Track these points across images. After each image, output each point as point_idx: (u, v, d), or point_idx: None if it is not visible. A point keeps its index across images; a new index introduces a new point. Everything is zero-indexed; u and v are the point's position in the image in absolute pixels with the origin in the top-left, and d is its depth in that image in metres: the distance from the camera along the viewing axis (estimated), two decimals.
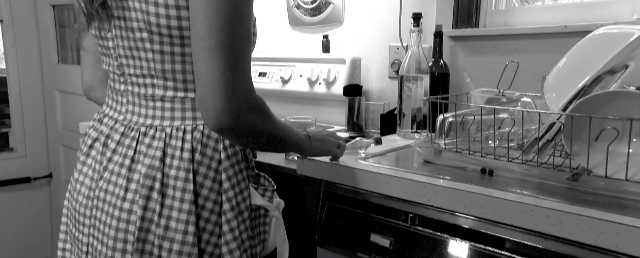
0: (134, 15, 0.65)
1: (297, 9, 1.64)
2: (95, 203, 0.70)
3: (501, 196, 0.65)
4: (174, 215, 0.66)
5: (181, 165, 0.67)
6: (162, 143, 0.68)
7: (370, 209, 0.82)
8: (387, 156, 0.95)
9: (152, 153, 0.67)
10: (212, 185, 0.68)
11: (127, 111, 0.72)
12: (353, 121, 1.37)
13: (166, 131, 0.68)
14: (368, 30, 1.49)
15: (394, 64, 1.39)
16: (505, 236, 0.66)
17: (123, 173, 0.68)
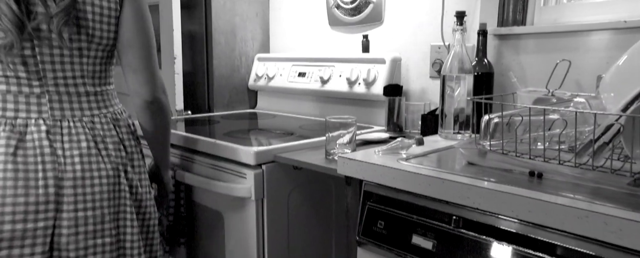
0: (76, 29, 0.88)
1: (336, 9, 1.64)
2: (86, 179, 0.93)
3: (552, 200, 0.62)
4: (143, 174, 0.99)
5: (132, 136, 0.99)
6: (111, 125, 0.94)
7: (412, 210, 0.81)
8: (429, 157, 0.94)
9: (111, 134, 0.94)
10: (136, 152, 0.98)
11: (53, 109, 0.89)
12: (393, 121, 1.35)
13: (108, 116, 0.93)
14: (408, 30, 1.47)
15: (435, 63, 1.36)
16: (556, 242, 0.63)
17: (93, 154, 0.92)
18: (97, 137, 0.88)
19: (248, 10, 1.80)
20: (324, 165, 1.00)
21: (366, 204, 0.89)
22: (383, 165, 0.84)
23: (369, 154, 0.93)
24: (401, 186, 0.82)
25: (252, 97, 1.88)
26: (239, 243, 1.13)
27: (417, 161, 0.89)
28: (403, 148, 0.96)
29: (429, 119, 1.25)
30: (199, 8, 1.70)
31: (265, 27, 1.88)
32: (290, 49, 1.83)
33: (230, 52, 1.78)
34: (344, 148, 1.04)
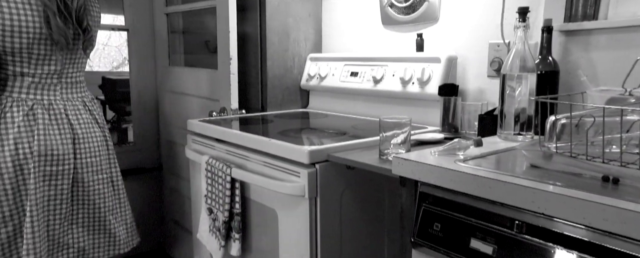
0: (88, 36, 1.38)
1: (390, 8, 1.62)
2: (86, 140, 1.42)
3: (633, 208, 0.58)
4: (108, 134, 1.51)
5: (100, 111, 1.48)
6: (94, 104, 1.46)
7: (471, 213, 0.79)
8: (488, 159, 0.90)
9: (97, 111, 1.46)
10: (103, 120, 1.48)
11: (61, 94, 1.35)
12: (448, 121, 1.32)
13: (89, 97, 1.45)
14: (466, 28, 1.42)
15: (494, 62, 1.31)
16: (635, 253, 0.59)
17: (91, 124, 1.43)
18: (90, 110, 1.37)
19: (301, 11, 1.82)
20: (378, 165, 1.00)
21: (422, 205, 0.88)
22: (440, 165, 0.82)
23: (425, 154, 0.91)
24: (459, 188, 0.79)
25: (304, 97, 1.90)
26: (292, 240, 1.15)
27: (475, 162, 0.86)
28: (460, 149, 0.93)
29: (486, 119, 1.20)
30: (254, 10, 1.75)
31: (318, 27, 1.89)
32: (342, 49, 1.84)
33: (283, 52, 1.81)
34: (398, 148, 1.03)
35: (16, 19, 1.19)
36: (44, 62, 1.27)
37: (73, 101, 1.33)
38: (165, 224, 2.36)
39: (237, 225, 1.26)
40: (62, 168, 1.28)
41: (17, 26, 1.19)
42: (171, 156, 2.22)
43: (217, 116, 1.63)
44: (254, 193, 1.25)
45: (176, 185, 2.18)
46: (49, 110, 1.28)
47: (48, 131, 1.26)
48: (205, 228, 1.39)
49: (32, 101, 1.26)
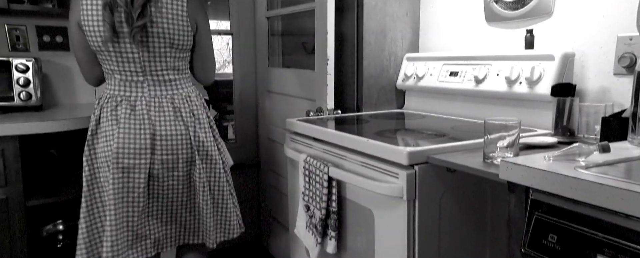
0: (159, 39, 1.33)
1: (495, 3, 1.53)
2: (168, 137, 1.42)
3: None
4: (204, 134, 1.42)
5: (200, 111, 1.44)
6: (186, 102, 1.41)
7: (596, 227, 0.70)
8: (617, 167, 0.80)
9: (186, 108, 1.41)
10: (205, 117, 1.44)
11: (150, 91, 1.36)
12: (562, 124, 1.20)
13: (182, 95, 1.40)
14: (587, 21, 1.28)
15: (624, 57, 1.16)
16: None
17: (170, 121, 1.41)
18: (176, 108, 1.36)
19: (399, 10, 1.80)
20: (483, 169, 0.94)
21: (534, 214, 0.81)
22: (557, 172, 0.75)
23: (536, 159, 0.84)
24: (581, 197, 0.71)
25: (399, 97, 1.87)
26: (389, 242, 1.14)
27: (600, 170, 0.77)
28: (581, 155, 0.84)
29: (613, 123, 1.07)
30: (351, 10, 1.76)
31: (415, 26, 1.85)
32: (440, 48, 1.77)
33: (380, 52, 1.80)
34: (505, 152, 0.96)
35: (90, 18, 1.26)
36: (126, 60, 1.30)
37: (159, 99, 1.34)
38: (262, 218, 2.49)
39: (334, 223, 1.28)
40: (139, 161, 1.30)
41: (92, 25, 1.26)
42: (269, 153, 2.33)
43: (313, 116, 1.68)
44: (350, 193, 1.26)
45: (274, 182, 2.29)
46: (135, 106, 1.31)
47: (127, 126, 1.30)
48: (302, 224, 1.44)
49: (121, 97, 1.32)
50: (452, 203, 1.12)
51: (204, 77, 1.48)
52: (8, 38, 1.99)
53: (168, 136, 1.33)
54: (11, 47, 2.00)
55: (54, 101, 2.09)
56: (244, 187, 2.45)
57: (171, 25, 1.30)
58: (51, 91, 2.08)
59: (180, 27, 1.32)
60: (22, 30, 2.00)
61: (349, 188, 1.26)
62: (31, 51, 2.03)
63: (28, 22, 2.01)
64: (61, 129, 1.62)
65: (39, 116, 1.71)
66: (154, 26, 1.28)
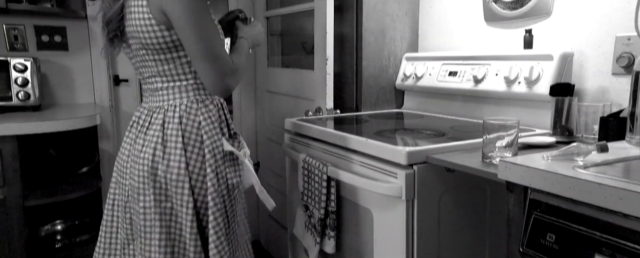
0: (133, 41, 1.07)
1: (494, 3, 1.53)
2: (127, 156, 1.12)
3: None
4: (172, 158, 1.05)
5: (173, 127, 1.07)
6: (162, 115, 1.08)
7: (594, 226, 0.71)
8: (615, 167, 0.81)
9: (156, 122, 1.08)
10: (196, 138, 1.07)
11: (148, 101, 1.14)
12: (561, 124, 1.20)
13: (165, 108, 1.09)
14: (586, 21, 1.29)
15: (623, 57, 1.16)
16: None
17: (141, 136, 1.09)
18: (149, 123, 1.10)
19: (398, 10, 1.80)
20: (482, 169, 0.94)
21: (532, 213, 0.81)
22: (555, 171, 0.75)
23: (535, 159, 0.84)
24: (580, 197, 0.72)
25: (399, 97, 1.88)
26: (388, 241, 1.14)
27: (598, 170, 0.77)
28: (580, 154, 0.84)
29: (611, 122, 1.07)
30: (351, 11, 1.76)
31: (415, 26, 1.85)
32: (439, 48, 1.77)
33: (379, 52, 1.80)
34: (504, 152, 0.96)
35: None
36: (134, 67, 1.17)
37: (148, 110, 1.12)
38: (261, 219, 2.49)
39: (332, 222, 1.28)
40: (121, 180, 1.14)
41: None
42: (268, 153, 2.33)
43: (312, 116, 1.68)
44: (349, 192, 1.26)
45: (273, 182, 2.28)
46: (137, 119, 1.14)
47: (125, 141, 1.16)
48: (301, 224, 1.44)
49: (141, 108, 1.16)
50: (451, 202, 1.12)
51: (208, 83, 1.04)
52: (6, 38, 1.99)
53: (133, 158, 1.09)
54: (9, 47, 2.00)
55: (53, 100, 2.09)
56: None
57: (136, 22, 1.02)
58: (50, 91, 2.08)
59: (143, 22, 1.01)
60: (20, 29, 2.00)
61: (347, 188, 1.26)
62: (29, 50, 2.03)
63: (26, 22, 2.00)
64: (60, 129, 1.62)
65: (38, 116, 1.71)
66: (128, 26, 1.05)
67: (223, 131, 1.12)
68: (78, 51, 2.09)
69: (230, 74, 1.04)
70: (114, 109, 2.15)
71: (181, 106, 1.08)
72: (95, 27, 2.07)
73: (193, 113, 1.08)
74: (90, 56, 2.09)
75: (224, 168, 1.10)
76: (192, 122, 1.07)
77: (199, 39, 1.00)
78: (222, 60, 1.03)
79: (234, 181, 1.12)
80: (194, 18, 0.98)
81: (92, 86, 2.11)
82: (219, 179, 1.09)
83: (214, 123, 1.10)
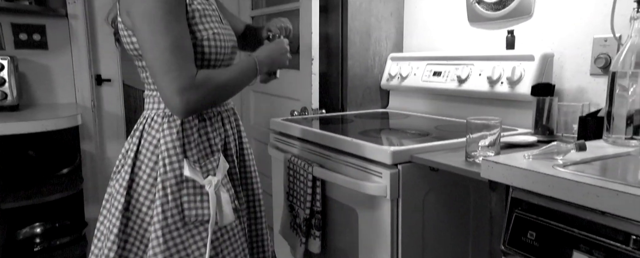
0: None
1: (477, 4, 1.55)
2: None
3: None
4: (122, 174, 0.95)
5: (133, 141, 0.96)
6: (136, 125, 0.98)
7: (573, 223, 0.72)
8: (593, 165, 0.82)
9: (131, 133, 0.99)
10: (151, 157, 0.93)
11: None
12: (542, 123, 1.22)
13: (141, 117, 0.98)
14: (565, 22, 1.31)
15: (600, 58, 1.19)
16: None
17: None
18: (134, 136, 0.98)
19: (383, 10, 1.81)
20: (465, 168, 0.95)
21: (514, 212, 0.82)
22: (536, 170, 0.77)
23: (517, 158, 0.86)
24: (559, 195, 0.73)
25: (384, 97, 1.88)
26: (373, 241, 1.14)
27: (577, 168, 0.79)
28: (559, 153, 0.86)
29: (589, 122, 1.09)
30: (336, 11, 1.77)
31: (400, 26, 1.86)
32: (424, 48, 1.79)
33: (365, 52, 1.81)
34: (487, 151, 0.97)
35: None
36: None
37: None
38: None
39: (318, 222, 1.28)
40: None
41: None
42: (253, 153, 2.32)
43: (298, 116, 1.67)
44: (334, 192, 1.26)
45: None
46: None
47: None
48: (286, 224, 1.43)
49: None
50: (435, 201, 1.13)
51: (162, 98, 0.89)
52: None
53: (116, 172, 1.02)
54: None
55: (32, 100, 2.04)
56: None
57: (118, 24, 0.96)
58: (29, 91, 2.03)
59: (120, 26, 0.94)
60: None
61: (333, 188, 1.26)
62: (7, 49, 1.98)
63: (3, 20, 1.95)
64: (39, 129, 1.58)
65: (16, 116, 1.67)
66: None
67: (192, 153, 0.94)
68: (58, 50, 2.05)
69: (188, 90, 0.84)
70: (97, 110, 2.12)
71: (148, 118, 0.96)
72: (77, 25, 2.03)
73: (155, 128, 0.94)
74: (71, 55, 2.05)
75: (179, 196, 0.92)
76: (151, 138, 0.94)
77: (152, 46, 0.85)
78: (178, 72, 0.84)
79: (193, 213, 0.93)
80: (150, 23, 0.84)
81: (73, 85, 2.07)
82: (172, 209, 0.92)
83: (175, 142, 0.92)
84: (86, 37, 2.03)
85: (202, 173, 0.94)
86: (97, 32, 2.09)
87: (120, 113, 2.16)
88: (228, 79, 0.93)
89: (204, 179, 0.94)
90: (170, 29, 0.85)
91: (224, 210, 0.95)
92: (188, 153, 0.94)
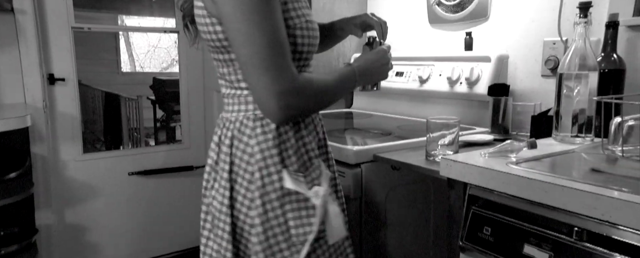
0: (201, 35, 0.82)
1: (438, 6, 1.59)
2: None
3: None
4: (220, 191, 0.82)
5: (224, 150, 0.82)
6: (220, 130, 0.84)
7: (524, 218, 0.76)
8: (543, 162, 0.86)
9: (214, 139, 0.85)
10: (246, 167, 0.80)
11: None
12: (498, 122, 1.27)
13: (223, 121, 0.84)
14: (518, 26, 1.37)
15: (549, 60, 1.25)
16: None
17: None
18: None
19: (346, 11, 1.82)
20: (425, 166, 0.98)
21: (471, 208, 0.85)
22: (491, 168, 0.80)
23: (474, 156, 0.89)
24: (512, 191, 0.76)
25: (347, 97, 1.90)
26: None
27: (528, 165, 0.83)
28: (512, 151, 0.90)
29: (540, 121, 1.15)
30: None
31: None
32: None
33: (329, 52, 1.81)
34: (446, 150, 1.00)
35: None
36: None
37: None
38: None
39: None
40: None
41: None
42: None
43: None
44: None
45: None
46: None
47: None
48: None
49: None
50: (397, 200, 1.15)
51: (256, 100, 0.77)
52: None
53: None
54: None
55: None
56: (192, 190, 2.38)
57: (196, 10, 0.80)
58: None
59: (199, 12, 0.79)
60: None
61: None
62: None
63: None
64: None
65: None
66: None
67: (290, 161, 0.80)
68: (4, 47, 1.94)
69: (288, 94, 0.73)
70: (49, 110, 2.02)
71: (236, 122, 0.81)
72: (25, 21, 1.92)
73: (247, 134, 0.80)
74: (19, 52, 1.95)
75: (281, 212, 0.79)
76: (243, 146, 0.80)
77: (247, 40, 0.71)
78: (279, 72, 0.72)
79: (300, 231, 0.80)
80: (246, 12, 0.70)
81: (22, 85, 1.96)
82: (274, 228, 0.79)
83: (271, 149, 0.79)
84: (36, 33, 1.93)
85: (306, 184, 0.81)
86: (48, 28, 1.99)
87: (75, 114, 2.07)
88: (329, 86, 0.82)
89: (309, 190, 0.81)
90: (269, 19, 0.72)
91: (332, 224, 0.82)
92: (286, 161, 0.80)
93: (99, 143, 3.77)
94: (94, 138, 3.85)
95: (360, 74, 0.88)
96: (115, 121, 3.41)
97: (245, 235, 0.80)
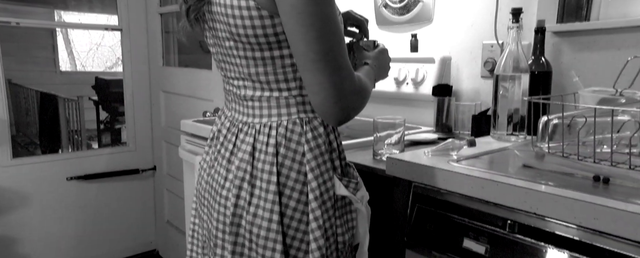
0: (219, 26, 0.73)
1: (384, 8, 1.63)
2: (207, 187, 0.82)
3: (623, 207, 0.58)
4: (261, 204, 0.73)
5: (267, 159, 0.74)
6: (252, 138, 0.75)
7: (464, 213, 0.79)
8: (481, 159, 0.91)
9: (244, 148, 0.75)
10: (297, 177, 0.74)
11: (231, 109, 0.82)
12: (442, 122, 1.33)
13: (256, 127, 0.76)
14: (460, 29, 1.43)
15: (488, 62, 1.32)
16: (625, 252, 0.59)
17: (224, 165, 0.78)
18: None
19: None
20: (372, 165, 1.00)
21: (415, 206, 0.88)
22: (433, 166, 0.83)
23: (418, 155, 0.92)
24: (452, 188, 0.80)
25: None
26: None
27: (468, 162, 0.87)
28: (454, 149, 0.94)
29: (480, 120, 1.21)
30: None
31: None
32: None
33: None
34: (392, 149, 1.03)
35: None
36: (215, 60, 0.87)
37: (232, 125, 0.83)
38: (158, 224, 2.36)
39: None
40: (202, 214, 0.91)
41: None
42: (165, 156, 2.21)
43: (210, 116, 1.63)
44: None
45: (170, 186, 2.17)
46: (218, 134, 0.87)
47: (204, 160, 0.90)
48: None
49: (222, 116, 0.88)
50: None
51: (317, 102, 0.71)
52: None
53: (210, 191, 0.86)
54: None
55: None
56: (139, 193, 2.29)
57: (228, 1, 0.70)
58: None
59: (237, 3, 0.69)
60: None
61: None
62: None
63: None
64: None
65: None
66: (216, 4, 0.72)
67: (334, 166, 0.78)
68: None
69: (353, 95, 0.70)
70: None
71: (279, 127, 0.74)
72: None
73: (295, 139, 0.74)
74: None
75: (334, 220, 0.77)
76: (292, 153, 0.74)
77: (316, 37, 0.65)
78: (348, 71, 0.69)
79: (345, 238, 0.79)
80: (314, 6, 0.64)
81: None
82: (329, 237, 0.76)
83: (324, 155, 0.75)
84: None
85: (352, 188, 0.79)
86: None
87: (4, 116, 1.93)
88: (370, 87, 0.79)
89: (355, 196, 0.79)
90: (336, 15, 0.68)
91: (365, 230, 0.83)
92: (335, 165, 0.78)
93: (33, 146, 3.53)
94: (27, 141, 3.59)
95: (375, 74, 0.88)
96: (52, 123, 3.20)
97: (296, 243, 0.75)
